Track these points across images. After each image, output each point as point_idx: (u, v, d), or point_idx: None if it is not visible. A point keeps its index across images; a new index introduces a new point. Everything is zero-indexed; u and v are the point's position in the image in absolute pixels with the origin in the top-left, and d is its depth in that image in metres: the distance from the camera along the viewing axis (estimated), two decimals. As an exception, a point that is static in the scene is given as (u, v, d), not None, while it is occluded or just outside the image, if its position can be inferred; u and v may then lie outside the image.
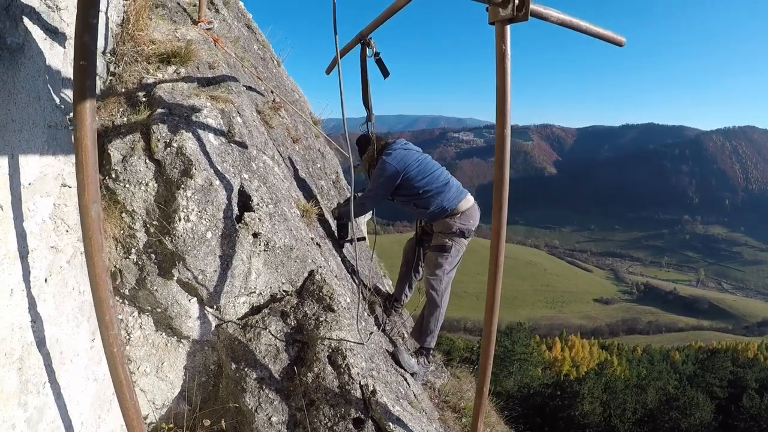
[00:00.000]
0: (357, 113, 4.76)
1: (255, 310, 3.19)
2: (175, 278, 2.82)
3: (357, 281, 3.44)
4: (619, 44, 2.72)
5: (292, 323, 3.13)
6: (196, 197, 2.77)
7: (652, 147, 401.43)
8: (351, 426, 2.76)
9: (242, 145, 3.25)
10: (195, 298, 2.95)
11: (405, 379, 3.66)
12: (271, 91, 5.36)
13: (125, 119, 2.83)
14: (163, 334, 3.01)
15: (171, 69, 3.26)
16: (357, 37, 3.86)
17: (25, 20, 1.93)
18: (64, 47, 2.31)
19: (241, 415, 2.95)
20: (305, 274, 3.37)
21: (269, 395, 2.88)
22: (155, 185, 2.75)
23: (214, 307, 3.02)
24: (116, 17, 3.21)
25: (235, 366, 2.97)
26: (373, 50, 3.98)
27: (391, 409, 2.85)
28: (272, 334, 3.05)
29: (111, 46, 3.10)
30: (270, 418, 2.81)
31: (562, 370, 49.00)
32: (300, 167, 5.02)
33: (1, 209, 1.82)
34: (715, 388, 35.80)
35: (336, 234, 4.80)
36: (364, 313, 3.88)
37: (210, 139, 2.98)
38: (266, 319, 3.11)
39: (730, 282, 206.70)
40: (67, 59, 2.34)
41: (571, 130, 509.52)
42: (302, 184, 4.64)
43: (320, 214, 4.44)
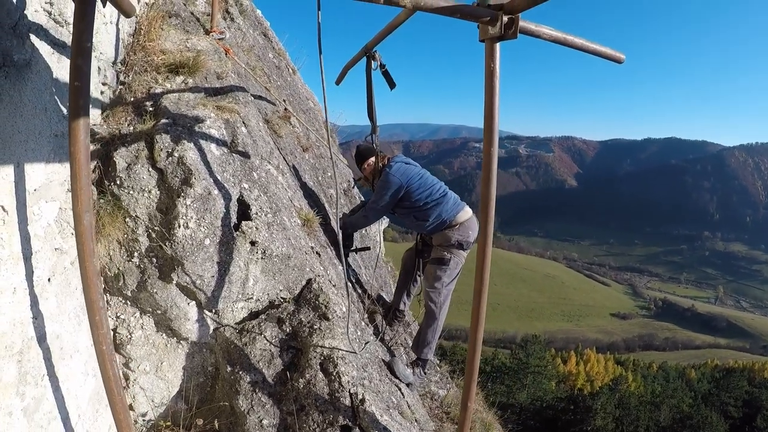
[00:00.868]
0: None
1: (253, 316, 3.27)
2: (174, 282, 2.93)
3: (349, 292, 3.50)
4: (618, 61, 2.73)
5: (288, 330, 3.20)
6: (195, 205, 2.88)
7: (674, 162, 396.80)
8: (338, 433, 2.82)
9: (245, 155, 3.35)
10: (193, 302, 3.05)
11: (399, 389, 3.70)
12: (282, 100, 5.48)
13: (131, 128, 2.96)
14: (163, 334, 3.11)
15: (179, 79, 3.38)
16: (363, 50, 3.96)
17: (32, 37, 2.06)
18: (73, 60, 2.44)
19: (235, 417, 3.03)
20: (303, 283, 3.45)
21: (261, 398, 2.96)
22: (157, 192, 2.88)
23: (213, 311, 3.12)
24: (128, 27, 3.35)
25: (230, 368, 3.05)
26: (379, 62, 4.07)
27: (379, 419, 2.90)
28: (267, 340, 3.13)
29: (122, 56, 3.24)
30: (261, 421, 2.89)
31: (576, 384, 48.47)
32: (308, 176, 5.11)
33: (6, 214, 1.95)
34: (730, 408, 35.41)
35: (340, 243, 4.88)
36: (362, 323, 3.94)
37: (211, 149, 3.09)
38: (262, 324, 3.19)
39: (749, 300, 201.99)
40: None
41: (592, 143, 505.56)
42: (308, 193, 4.72)
43: (325, 223, 4.52)
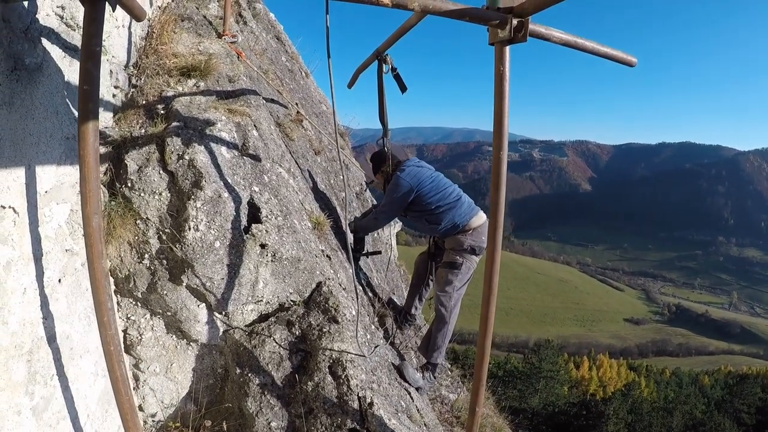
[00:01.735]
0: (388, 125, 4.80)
1: (262, 318, 3.27)
2: (185, 284, 2.95)
3: (359, 295, 3.50)
4: (630, 64, 2.70)
5: (297, 332, 3.20)
6: (205, 208, 2.90)
7: (688, 166, 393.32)
8: (347, 436, 2.82)
9: (256, 158, 3.36)
10: (203, 304, 3.06)
11: (408, 393, 3.69)
12: (295, 103, 5.50)
13: (143, 131, 2.99)
14: (174, 336, 3.13)
15: (191, 82, 3.41)
16: (374, 53, 3.96)
17: (44, 41, 2.08)
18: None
19: (243, 419, 3.04)
20: (313, 286, 3.44)
21: (270, 401, 2.96)
22: (168, 195, 2.90)
23: (222, 313, 3.13)
24: (140, 31, 3.38)
25: (239, 370, 3.06)
26: (390, 66, 4.07)
27: (387, 422, 2.89)
28: (277, 342, 3.13)
29: (134, 60, 3.27)
30: (270, 423, 2.90)
31: (589, 389, 48.19)
32: (320, 179, 5.12)
33: (17, 215, 1.97)
34: (743, 415, 35.16)
35: (352, 247, 4.89)
36: (372, 326, 3.94)
37: (222, 152, 3.11)
38: (272, 327, 3.19)
39: (764, 306, 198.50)
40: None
41: (607, 147, 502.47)
42: (320, 197, 4.73)
43: (336, 227, 4.52)
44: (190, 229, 2.85)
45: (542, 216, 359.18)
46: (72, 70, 2.34)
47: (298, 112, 5.33)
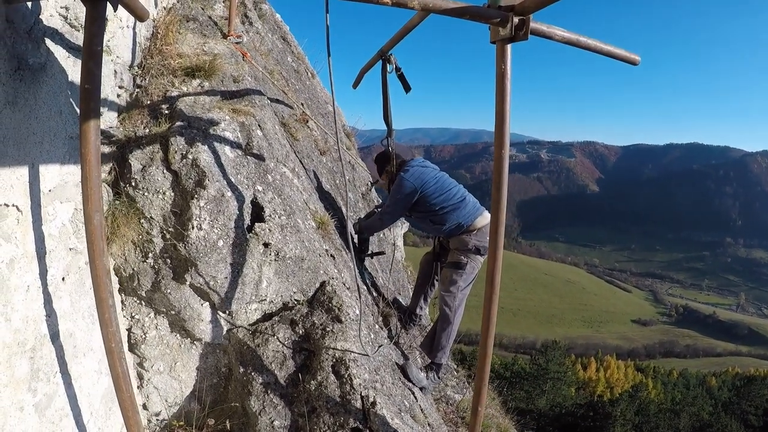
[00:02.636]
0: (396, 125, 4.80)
1: (266, 317, 3.28)
2: (188, 283, 2.97)
3: (362, 294, 3.50)
4: (633, 63, 2.68)
5: (300, 332, 3.20)
6: (209, 207, 2.91)
7: (696, 167, 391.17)
8: (349, 435, 2.82)
9: (259, 158, 3.37)
10: (207, 303, 3.07)
11: (412, 393, 3.68)
12: (301, 104, 5.51)
13: (147, 131, 3.00)
14: (177, 335, 3.15)
15: (195, 82, 3.42)
16: (378, 53, 3.96)
17: (48, 41, 2.10)
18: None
19: (246, 417, 3.05)
20: (316, 285, 3.45)
21: (273, 400, 2.97)
22: (172, 194, 2.91)
23: (226, 312, 3.13)
24: (145, 32, 3.40)
25: (243, 369, 3.07)
26: (394, 66, 4.06)
27: (390, 422, 2.89)
28: (280, 341, 3.14)
29: (139, 60, 3.29)
30: (273, 422, 2.90)
31: (596, 390, 48.16)
32: (325, 179, 5.13)
33: (21, 213, 1.98)
34: (750, 416, 34.99)
35: (356, 247, 4.89)
36: (376, 326, 3.93)
37: (226, 151, 3.12)
38: (275, 326, 3.20)
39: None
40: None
41: (614, 148, 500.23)
42: (324, 196, 4.73)
43: (341, 227, 4.53)
44: (193, 228, 2.86)
45: (550, 217, 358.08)
46: (75, 71, 2.35)
47: (303, 113, 5.34)
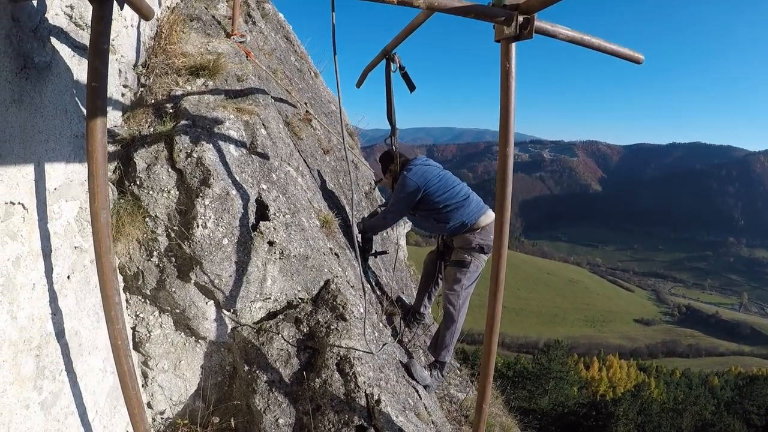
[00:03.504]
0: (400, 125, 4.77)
1: (271, 316, 3.28)
2: (193, 281, 2.97)
3: (367, 293, 3.51)
4: (637, 62, 2.67)
5: (305, 330, 3.21)
6: (213, 205, 2.92)
7: (699, 167, 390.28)
8: (354, 433, 2.82)
9: (264, 156, 3.37)
10: (212, 301, 3.08)
11: (416, 391, 3.68)
12: (304, 103, 5.51)
13: (151, 129, 3.01)
14: (182, 333, 3.15)
15: (200, 81, 3.43)
16: (382, 52, 3.95)
17: (53, 40, 2.11)
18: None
19: (251, 415, 3.05)
20: (321, 283, 3.45)
21: (278, 398, 2.97)
22: (176, 193, 2.92)
23: (231, 311, 3.14)
24: (149, 31, 3.41)
25: (247, 368, 3.08)
26: (398, 65, 4.06)
27: (394, 419, 2.89)
28: (285, 339, 3.14)
29: (143, 59, 3.30)
30: (277, 420, 2.90)
31: (599, 390, 48.14)
32: (329, 178, 5.13)
33: (26, 211, 1.99)
34: (753, 416, 35.01)
35: (360, 246, 4.89)
36: (380, 324, 3.94)
37: (230, 150, 3.13)
38: (280, 324, 3.20)
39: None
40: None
41: (617, 148, 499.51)
42: (328, 195, 4.74)
43: (345, 225, 4.53)
44: (198, 227, 2.87)
45: (552, 216, 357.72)
46: (81, 69, 2.36)
47: (307, 112, 5.34)
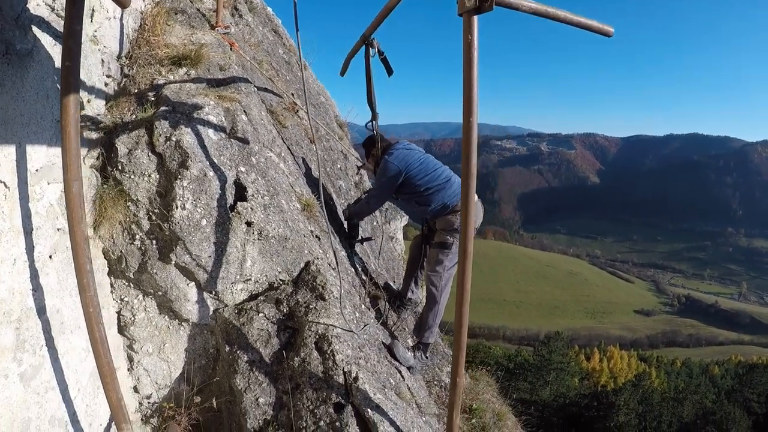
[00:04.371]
0: (385, 116, 4.80)
1: (252, 298, 3.36)
2: (173, 262, 3.06)
3: (341, 271, 3.55)
4: (607, 35, 2.63)
5: (285, 310, 3.28)
6: (191, 187, 3.01)
7: (696, 158, 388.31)
8: (332, 410, 2.88)
9: (244, 141, 3.45)
10: (193, 283, 3.16)
11: (399, 372, 3.74)
12: (291, 94, 5.59)
13: (133, 117, 3.10)
14: (166, 316, 3.23)
15: (182, 71, 3.51)
16: (361, 38, 4.01)
17: (35, 28, 2.21)
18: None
19: (233, 395, 3.13)
20: (302, 265, 3.52)
21: (258, 377, 3.04)
22: (156, 176, 3.02)
23: (212, 293, 3.22)
24: (133, 23, 3.49)
25: (229, 348, 3.15)
26: (377, 49, 4.12)
27: (372, 396, 2.94)
28: (265, 319, 3.21)
29: (126, 50, 3.38)
30: (257, 399, 2.98)
31: (600, 381, 48.31)
32: (315, 166, 5.19)
33: (8, 189, 2.09)
34: (753, 404, 35.12)
35: (347, 233, 4.96)
36: (362, 306, 4.01)
37: (209, 134, 3.22)
38: (260, 305, 3.28)
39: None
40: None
41: (614, 139, 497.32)
42: (313, 182, 4.79)
43: (330, 211, 4.59)
44: (177, 208, 2.96)
45: (551, 209, 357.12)
46: (62, 58, 2.46)
47: (292, 102, 5.42)
